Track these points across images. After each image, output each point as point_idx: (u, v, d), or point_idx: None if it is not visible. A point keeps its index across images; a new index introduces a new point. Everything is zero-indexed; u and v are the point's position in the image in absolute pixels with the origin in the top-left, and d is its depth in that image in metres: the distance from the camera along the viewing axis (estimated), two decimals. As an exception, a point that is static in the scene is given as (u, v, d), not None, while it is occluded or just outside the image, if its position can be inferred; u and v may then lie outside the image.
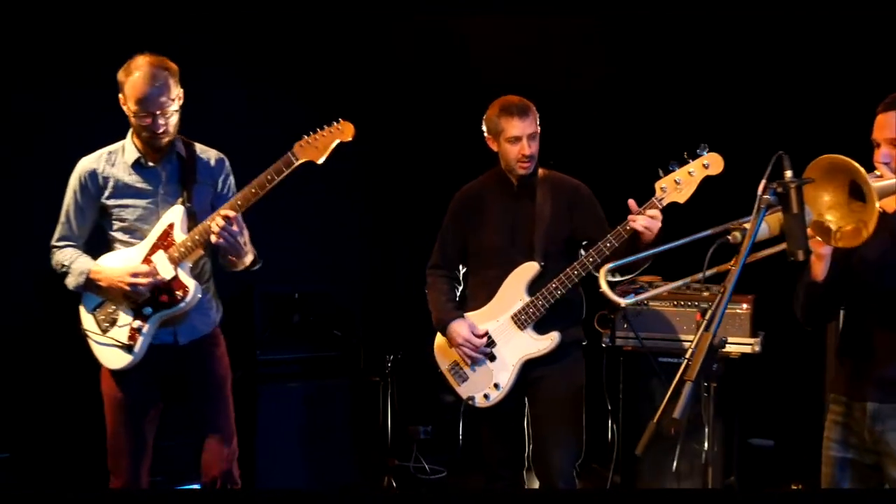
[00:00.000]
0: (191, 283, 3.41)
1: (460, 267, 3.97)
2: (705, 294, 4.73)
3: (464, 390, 3.81)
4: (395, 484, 5.17)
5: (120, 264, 3.42)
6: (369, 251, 6.18)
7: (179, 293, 3.41)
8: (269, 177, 3.35)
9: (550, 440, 3.67)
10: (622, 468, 4.75)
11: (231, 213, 3.32)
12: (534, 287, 3.70)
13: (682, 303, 4.75)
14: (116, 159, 3.49)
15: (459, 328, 3.75)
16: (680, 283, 3.21)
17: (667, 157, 3.46)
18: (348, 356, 5.19)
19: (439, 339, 3.91)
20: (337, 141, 3.40)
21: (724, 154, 3.44)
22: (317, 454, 4.97)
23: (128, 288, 3.37)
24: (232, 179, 3.60)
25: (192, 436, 3.54)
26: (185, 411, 3.54)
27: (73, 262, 3.46)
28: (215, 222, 3.32)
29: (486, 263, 3.81)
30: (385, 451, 5.28)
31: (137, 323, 3.42)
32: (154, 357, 3.42)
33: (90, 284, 3.44)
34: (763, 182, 2.43)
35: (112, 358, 3.43)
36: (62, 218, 3.51)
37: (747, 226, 2.49)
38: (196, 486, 3.85)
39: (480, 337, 3.73)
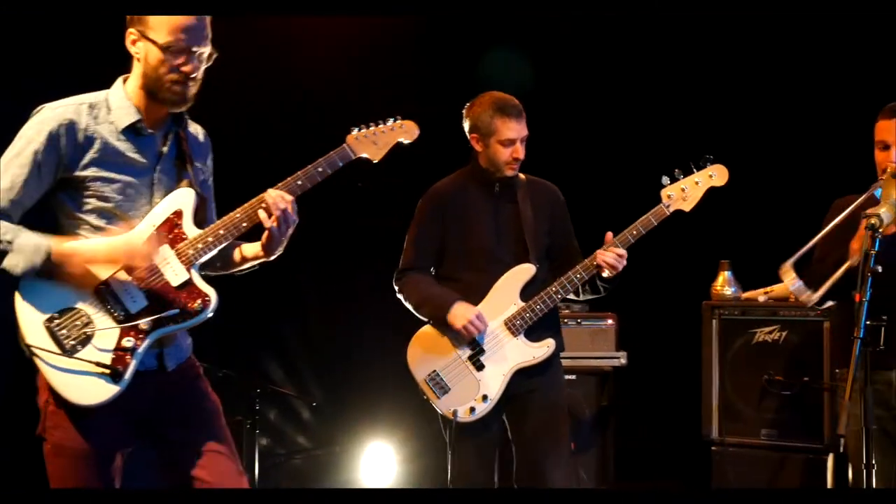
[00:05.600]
0: (210, 291, 2.60)
1: (432, 270, 3.59)
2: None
3: (445, 403, 3.42)
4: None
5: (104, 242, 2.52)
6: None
7: (197, 303, 2.57)
8: (320, 169, 2.71)
9: (549, 460, 3.45)
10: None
11: (290, 197, 2.63)
12: (524, 291, 3.46)
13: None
14: (100, 116, 2.57)
15: (466, 308, 3.40)
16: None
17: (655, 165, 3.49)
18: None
19: (416, 347, 3.52)
20: (398, 140, 2.88)
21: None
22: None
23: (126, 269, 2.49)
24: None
25: (170, 476, 2.68)
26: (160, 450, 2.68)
27: (17, 235, 2.46)
28: (275, 201, 2.60)
29: (471, 266, 3.54)
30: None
31: (129, 340, 2.50)
32: (133, 387, 2.52)
33: (51, 271, 2.45)
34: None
35: (85, 389, 2.45)
36: (1, 182, 2.49)
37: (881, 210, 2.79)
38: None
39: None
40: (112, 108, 2.57)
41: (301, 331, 5.54)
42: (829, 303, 3.98)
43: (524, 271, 3.48)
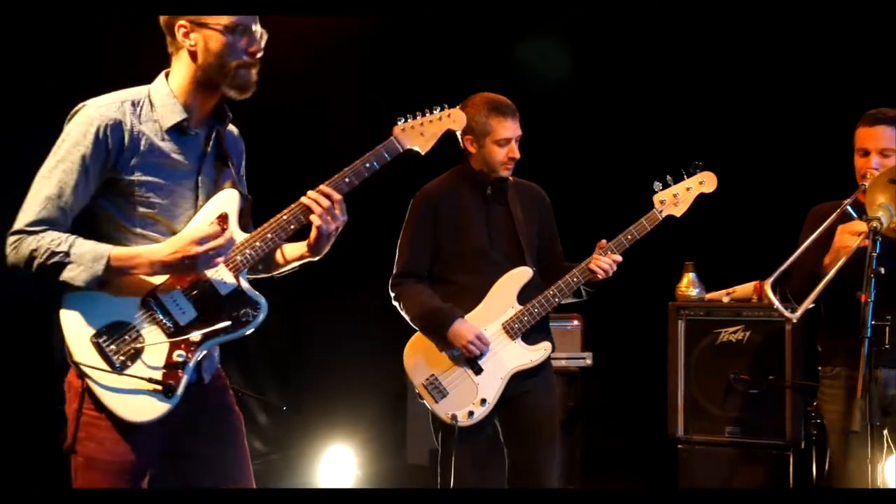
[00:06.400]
0: (261, 299, 2.48)
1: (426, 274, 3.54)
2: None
3: (443, 407, 3.38)
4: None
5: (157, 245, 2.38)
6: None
7: (249, 312, 2.45)
8: (367, 164, 2.59)
9: (544, 461, 3.44)
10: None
11: (338, 196, 2.53)
12: (521, 295, 3.47)
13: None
14: (143, 114, 2.41)
15: (467, 327, 3.37)
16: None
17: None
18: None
19: (413, 351, 3.45)
20: (446, 129, 2.77)
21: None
22: None
23: (198, 260, 2.34)
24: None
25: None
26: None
27: (73, 244, 2.29)
28: (319, 199, 2.49)
29: (465, 268, 3.49)
30: None
31: (180, 354, 2.37)
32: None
33: (114, 275, 2.31)
34: None
35: (137, 406, 2.33)
36: (46, 187, 2.32)
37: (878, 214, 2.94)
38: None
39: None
40: (156, 106, 2.42)
41: (259, 333, 5.38)
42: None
43: (522, 274, 3.46)
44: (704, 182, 3.57)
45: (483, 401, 3.38)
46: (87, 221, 2.41)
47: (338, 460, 5.27)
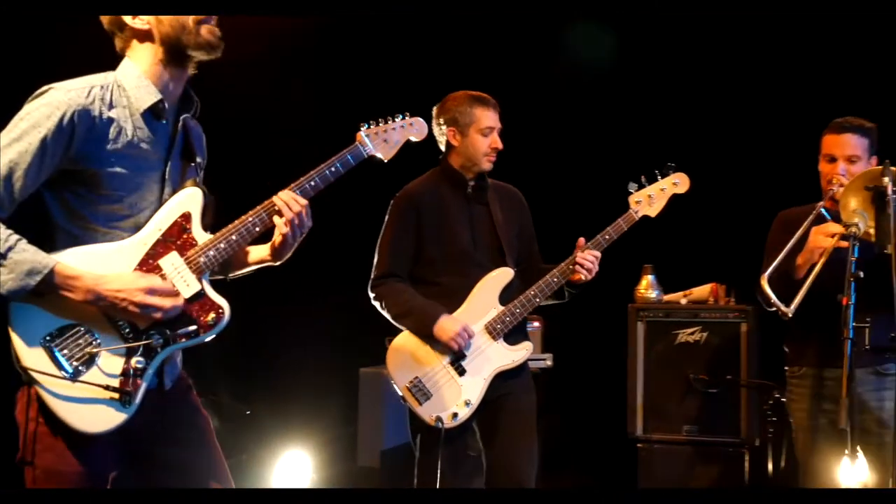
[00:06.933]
0: (223, 303, 2.38)
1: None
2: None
3: (427, 410, 3.35)
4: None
5: (110, 267, 2.24)
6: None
7: (211, 316, 2.34)
8: (333, 169, 2.53)
9: (523, 464, 3.44)
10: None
11: (304, 200, 2.46)
12: (502, 295, 3.47)
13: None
14: (113, 99, 2.29)
15: (453, 321, 3.36)
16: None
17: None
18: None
19: (397, 354, 3.42)
20: (408, 139, 2.75)
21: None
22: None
23: (137, 310, 2.21)
24: None
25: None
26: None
27: (13, 247, 2.13)
28: (289, 204, 2.42)
29: (450, 270, 3.48)
30: None
31: (138, 360, 2.25)
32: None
33: (48, 290, 2.15)
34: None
35: (91, 416, 2.20)
36: None
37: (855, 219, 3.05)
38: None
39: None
40: (127, 89, 2.30)
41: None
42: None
43: (503, 275, 3.47)
44: (678, 183, 3.63)
45: (467, 402, 3.37)
46: (40, 213, 2.27)
47: (293, 464, 5.18)
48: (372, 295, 3.48)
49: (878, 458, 3.30)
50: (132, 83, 2.31)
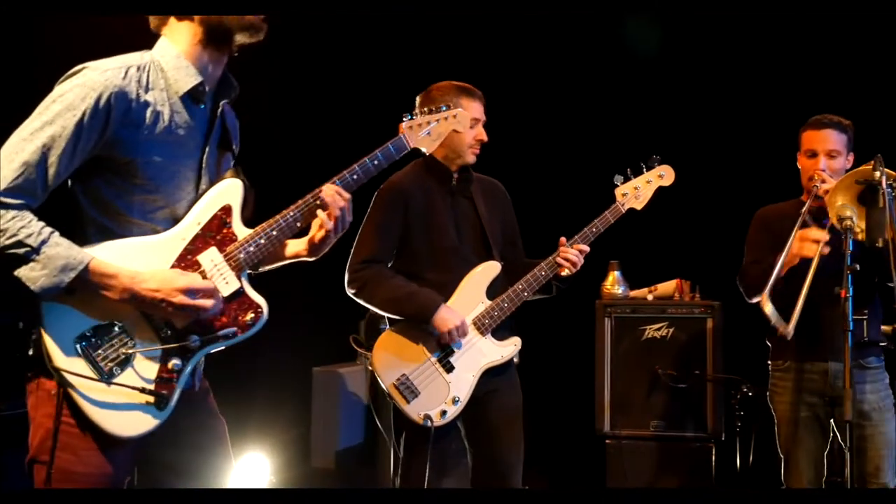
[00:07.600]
0: (262, 301, 2.27)
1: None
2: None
3: (415, 408, 3.24)
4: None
5: (147, 262, 2.11)
6: None
7: (250, 315, 2.23)
8: (376, 161, 2.41)
9: (510, 463, 3.36)
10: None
11: (347, 195, 2.34)
12: (489, 290, 3.39)
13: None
14: (150, 81, 2.14)
15: (453, 313, 3.26)
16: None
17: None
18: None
19: (383, 351, 3.30)
20: (451, 130, 2.65)
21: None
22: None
23: (176, 310, 2.10)
24: None
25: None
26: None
27: (47, 241, 1.99)
28: (334, 199, 2.30)
29: (437, 265, 3.38)
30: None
31: (175, 362, 2.14)
32: None
33: (82, 287, 2.03)
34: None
35: (125, 420, 2.09)
36: (26, 151, 2.00)
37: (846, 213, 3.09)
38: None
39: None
40: (167, 70, 2.16)
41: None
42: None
43: (490, 269, 3.38)
44: (664, 175, 3.61)
45: (455, 399, 3.28)
46: (69, 205, 2.13)
47: (251, 467, 5.01)
48: (352, 280, 3.32)
49: (859, 449, 3.37)
50: (171, 64, 2.18)
